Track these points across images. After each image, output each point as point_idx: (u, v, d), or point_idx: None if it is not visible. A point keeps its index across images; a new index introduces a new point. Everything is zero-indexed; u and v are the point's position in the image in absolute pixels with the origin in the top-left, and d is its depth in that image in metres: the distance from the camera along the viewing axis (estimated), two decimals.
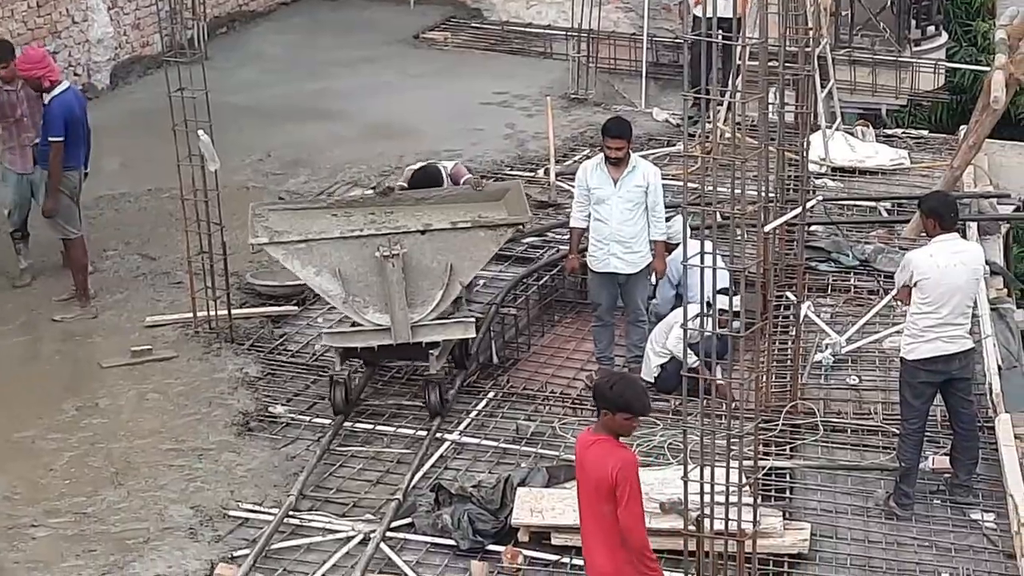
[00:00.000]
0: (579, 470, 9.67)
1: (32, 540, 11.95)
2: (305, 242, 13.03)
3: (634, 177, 13.99)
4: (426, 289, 13.02)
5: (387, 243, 12.86)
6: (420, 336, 13.14)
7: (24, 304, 15.57)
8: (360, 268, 12.98)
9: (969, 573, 11.65)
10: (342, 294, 13.05)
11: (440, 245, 12.97)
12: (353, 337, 13.23)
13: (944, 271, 12.01)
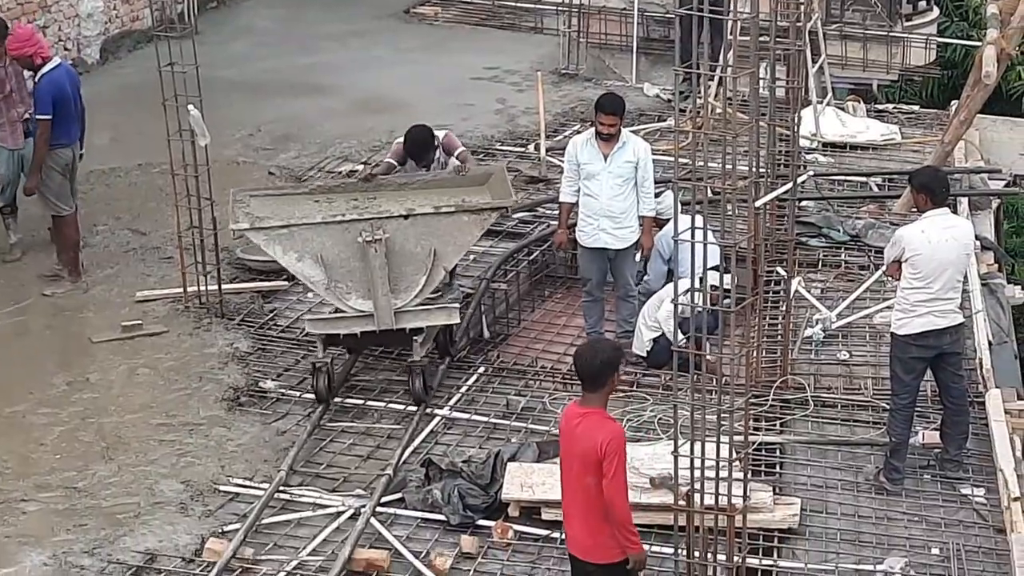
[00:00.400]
0: (565, 442, 9.68)
1: (23, 515, 11.96)
2: (287, 227, 12.85)
3: (624, 153, 14.00)
4: (409, 275, 12.89)
5: (370, 228, 12.70)
6: (404, 322, 13.00)
7: (14, 279, 15.57)
8: (342, 254, 12.82)
9: (959, 548, 11.68)
10: (324, 280, 12.90)
11: (423, 230, 12.82)
12: (336, 324, 13.10)
13: (936, 246, 12.03)
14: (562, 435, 9.71)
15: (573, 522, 9.78)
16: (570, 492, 9.72)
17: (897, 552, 11.65)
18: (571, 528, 9.82)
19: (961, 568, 11.44)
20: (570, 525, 9.83)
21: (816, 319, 14.80)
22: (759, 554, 11.38)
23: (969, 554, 11.62)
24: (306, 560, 11.43)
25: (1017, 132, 20.08)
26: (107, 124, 17.63)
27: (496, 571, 11.41)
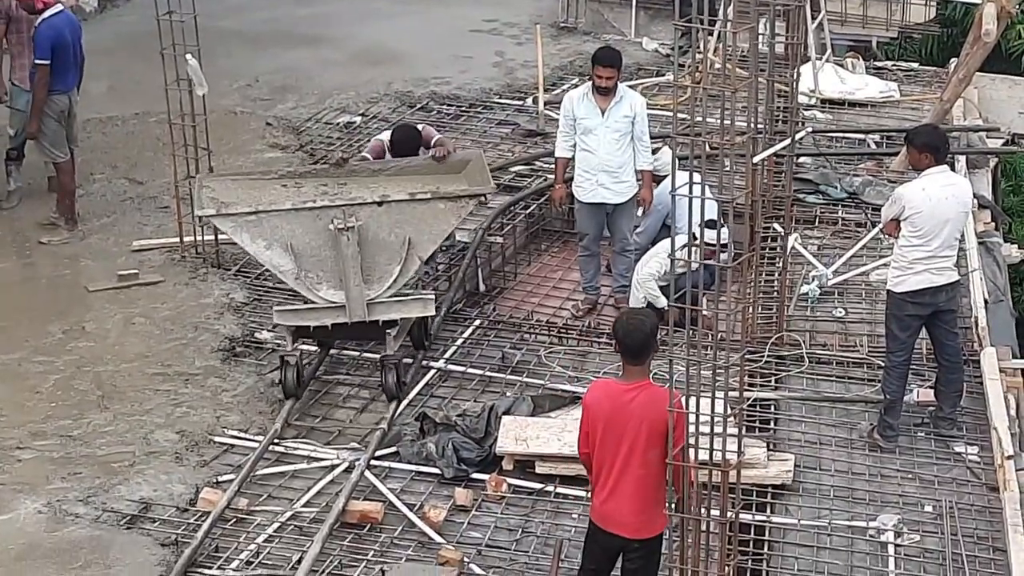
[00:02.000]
0: (616, 421, 9.45)
1: (17, 462, 11.98)
2: (254, 214, 12.23)
3: (621, 107, 13.98)
4: (383, 264, 12.33)
5: (342, 215, 12.11)
6: (376, 314, 12.42)
7: (11, 227, 15.56)
8: (313, 242, 12.22)
9: (952, 505, 11.70)
10: (294, 269, 12.32)
11: (398, 217, 12.25)
12: (305, 315, 12.46)
13: (936, 204, 12.03)
14: (609, 415, 9.46)
15: (623, 502, 9.56)
16: (622, 471, 9.52)
17: (890, 509, 11.67)
18: (619, 510, 9.58)
19: (953, 525, 11.46)
20: (618, 507, 9.59)
21: (812, 276, 14.79)
22: (752, 510, 11.42)
23: (962, 511, 11.64)
24: (300, 511, 11.45)
25: (1016, 90, 20.05)
26: (105, 73, 17.59)
27: (490, 524, 11.42)
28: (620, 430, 9.47)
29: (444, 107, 18.62)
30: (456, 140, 17.66)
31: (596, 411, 9.51)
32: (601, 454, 9.53)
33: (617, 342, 9.59)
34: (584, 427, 9.59)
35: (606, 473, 9.56)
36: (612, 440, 9.50)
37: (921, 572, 11.06)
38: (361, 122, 18.04)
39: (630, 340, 9.53)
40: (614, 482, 9.54)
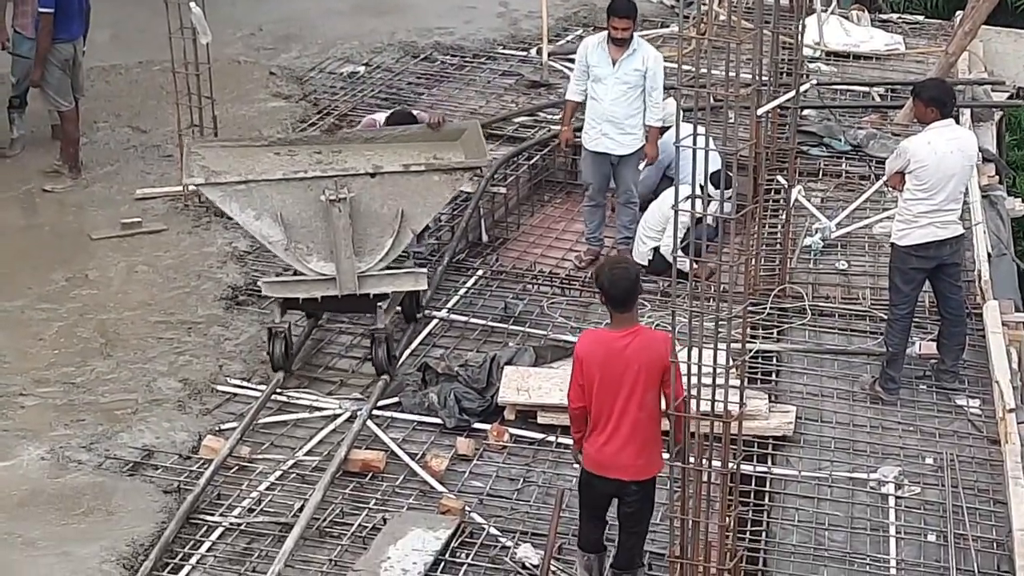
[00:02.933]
0: (611, 367, 9.49)
1: (21, 409, 12.01)
2: (244, 183, 11.94)
3: (633, 60, 13.94)
4: (375, 237, 12.03)
5: (333, 186, 11.83)
6: (367, 287, 12.17)
7: (15, 174, 15.56)
8: (304, 213, 11.94)
9: (952, 458, 11.73)
10: (283, 241, 12.02)
11: (391, 189, 11.96)
12: (295, 287, 12.24)
13: (941, 157, 12.02)
14: (604, 362, 9.49)
15: (623, 446, 9.60)
16: (620, 416, 9.57)
17: (891, 461, 11.71)
18: (619, 454, 9.62)
19: (954, 478, 11.49)
20: (617, 452, 9.63)
21: (815, 228, 14.79)
22: (753, 461, 11.46)
23: (962, 464, 11.68)
24: (302, 460, 11.49)
25: (1022, 44, 19.99)
26: (108, 21, 17.53)
27: (491, 474, 11.46)
28: (618, 377, 9.51)
29: (448, 57, 18.60)
30: (460, 91, 17.66)
31: (591, 361, 9.53)
32: (599, 402, 9.56)
33: (603, 292, 9.64)
34: (577, 379, 9.58)
35: (604, 420, 9.59)
36: (610, 387, 9.54)
37: (922, 524, 11.10)
38: (365, 72, 18.01)
39: (616, 289, 9.58)
40: (612, 428, 9.58)
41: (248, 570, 10.42)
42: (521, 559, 10.55)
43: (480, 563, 10.55)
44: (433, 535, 10.67)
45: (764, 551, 10.79)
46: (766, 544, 10.86)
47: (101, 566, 10.40)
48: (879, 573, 10.65)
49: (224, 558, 10.56)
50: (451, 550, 10.60)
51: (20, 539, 10.64)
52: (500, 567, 10.53)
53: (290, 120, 16.74)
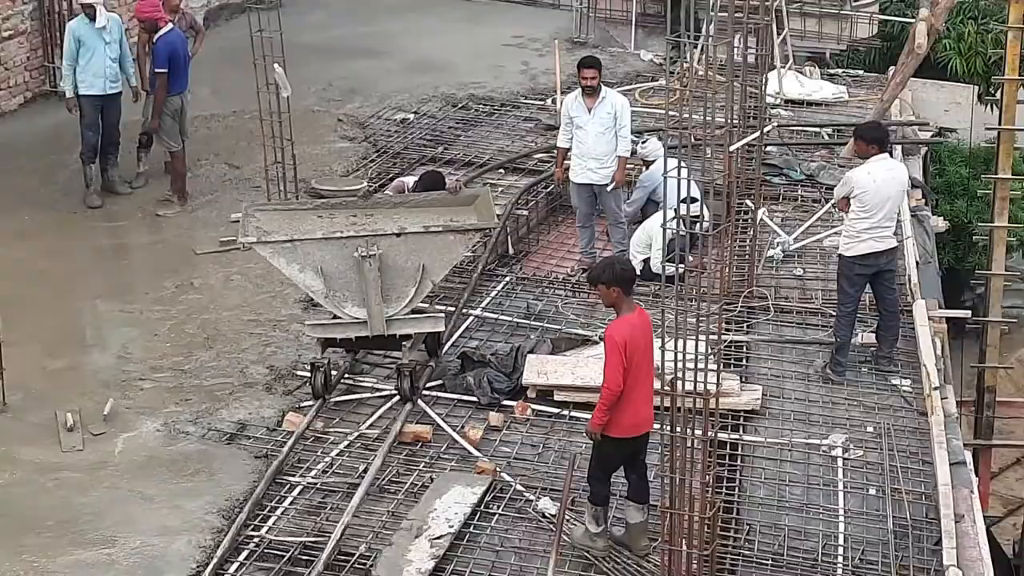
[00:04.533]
0: (640, 346, 9.57)
1: (140, 390, 12.04)
2: (290, 242, 11.56)
3: (604, 106, 13.94)
4: (400, 286, 11.59)
5: (365, 244, 11.41)
6: (394, 329, 11.68)
7: (136, 202, 15.62)
8: (340, 266, 11.51)
9: (889, 427, 11.69)
10: (324, 290, 11.59)
11: (414, 247, 11.51)
12: (334, 329, 11.76)
13: (879, 185, 12.05)
14: (635, 341, 9.54)
15: (649, 404, 9.70)
16: (646, 380, 9.64)
17: (839, 430, 11.66)
18: (647, 412, 9.72)
19: (890, 443, 11.45)
20: (647, 411, 9.72)
21: (777, 242, 14.75)
22: (728, 430, 11.41)
23: (897, 432, 11.64)
24: (365, 432, 11.47)
25: (942, 93, 19.96)
26: (209, 79, 17.55)
27: (517, 441, 11.44)
28: (643, 351, 9.62)
29: (480, 106, 18.57)
30: (490, 133, 17.63)
31: (633, 344, 9.53)
32: (634, 376, 9.55)
33: (619, 282, 9.63)
34: (621, 363, 9.47)
35: (640, 389, 9.61)
36: (643, 361, 9.62)
37: (864, 480, 11.06)
38: (414, 118, 18.01)
39: (627, 275, 9.73)
40: (643, 392, 9.65)
41: (322, 520, 10.40)
42: (541, 510, 10.52)
43: (508, 513, 10.53)
44: (471, 491, 10.65)
45: (737, 502, 10.75)
46: (738, 497, 10.82)
47: (205, 517, 10.42)
48: (829, 520, 10.60)
49: (303, 510, 10.55)
50: (485, 503, 10.58)
51: (140, 495, 10.67)
52: (524, 516, 10.50)
53: (354, 157, 16.75)
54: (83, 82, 15.26)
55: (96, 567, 9.85)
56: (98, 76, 15.23)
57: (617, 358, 9.47)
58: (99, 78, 15.23)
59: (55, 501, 10.58)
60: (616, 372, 9.49)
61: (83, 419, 11.49)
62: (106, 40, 15.19)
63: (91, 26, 15.16)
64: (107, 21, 15.23)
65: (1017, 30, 16.30)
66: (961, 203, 19.69)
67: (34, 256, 14.16)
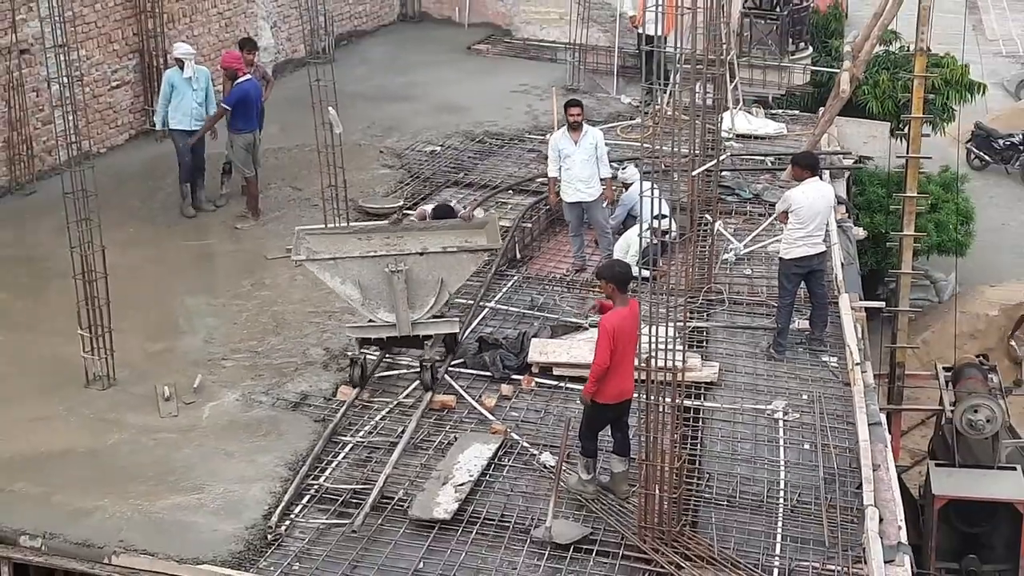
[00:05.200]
0: (627, 332, 9.59)
1: (223, 368, 12.04)
2: (333, 260, 11.46)
3: (587, 138, 13.91)
4: (423, 296, 11.45)
5: (394, 262, 11.31)
6: (418, 330, 11.52)
7: (219, 218, 15.59)
8: (374, 280, 11.39)
9: (820, 395, 11.67)
10: (361, 299, 11.44)
11: (434, 264, 11.38)
12: (369, 330, 11.57)
13: (812, 202, 12.07)
14: (624, 328, 9.57)
15: (631, 377, 9.71)
16: (630, 359, 9.64)
17: (780, 397, 11.65)
18: (629, 382, 9.74)
19: (821, 408, 11.43)
20: (629, 381, 9.74)
21: (730, 248, 14.72)
22: (692, 398, 11.40)
23: (826, 399, 11.64)
24: (402, 401, 11.46)
25: (862, 128, 19.92)
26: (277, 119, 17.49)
27: (524, 408, 11.44)
28: (630, 335, 9.62)
29: (493, 140, 18.53)
30: (501, 161, 17.58)
31: (620, 332, 9.57)
32: (620, 355, 9.58)
33: (615, 281, 9.67)
34: (609, 347, 9.53)
35: (625, 365, 9.62)
36: (627, 344, 9.62)
37: (800, 437, 11.06)
38: (440, 150, 17.98)
39: (624, 276, 9.73)
40: (627, 367, 9.63)
41: (368, 471, 10.41)
42: (543, 462, 10.52)
43: (517, 465, 10.54)
44: (487, 448, 10.66)
45: (699, 456, 10.74)
46: (700, 451, 10.81)
47: (275, 468, 10.44)
48: (772, 468, 10.60)
49: (353, 463, 10.57)
50: (498, 457, 10.59)
51: (224, 451, 10.69)
52: (529, 467, 10.50)
53: (392, 181, 16.71)
54: (174, 119, 15.33)
55: (188, 509, 9.88)
56: (185, 115, 15.30)
57: (606, 341, 9.51)
58: (186, 116, 15.31)
59: (155, 456, 10.60)
60: (604, 352, 9.54)
61: (177, 391, 11.50)
62: (193, 87, 15.27)
63: (181, 75, 15.25)
64: (193, 72, 15.29)
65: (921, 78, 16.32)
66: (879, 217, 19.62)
67: (138, 261, 14.17)
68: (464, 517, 9.79)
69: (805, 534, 9.72)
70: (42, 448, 10.64)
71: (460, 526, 9.70)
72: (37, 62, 15.92)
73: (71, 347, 11.77)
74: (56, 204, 11.87)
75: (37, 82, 16.09)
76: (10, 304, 13.24)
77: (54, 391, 11.51)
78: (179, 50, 15.61)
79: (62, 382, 11.62)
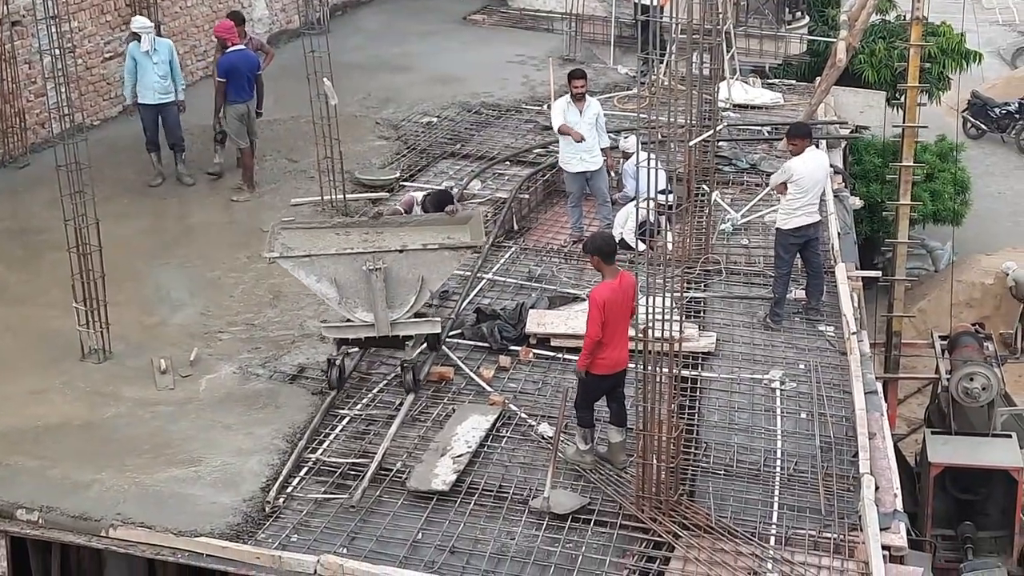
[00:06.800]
0: (622, 298, 9.59)
1: (219, 341, 12.01)
2: (308, 257, 10.91)
3: (590, 109, 13.91)
4: (403, 295, 10.89)
5: (372, 259, 10.75)
6: (397, 331, 10.99)
7: (215, 189, 15.51)
8: (351, 278, 10.82)
9: (817, 364, 11.66)
10: (337, 297, 10.90)
11: (414, 261, 10.82)
12: (346, 330, 11.04)
13: (811, 171, 12.08)
14: (614, 300, 9.55)
15: (625, 348, 9.74)
16: (623, 331, 9.66)
17: (777, 367, 11.64)
18: (623, 353, 9.76)
19: (818, 377, 11.43)
20: (623, 352, 9.75)
21: (727, 218, 14.69)
22: (689, 368, 11.39)
23: (823, 368, 11.63)
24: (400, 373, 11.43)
25: (858, 97, 19.86)
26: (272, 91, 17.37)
27: (521, 379, 11.43)
28: (622, 307, 9.62)
29: (490, 111, 18.46)
30: (498, 132, 17.50)
31: (611, 305, 9.55)
32: (612, 327, 9.58)
33: (598, 252, 9.66)
34: (600, 319, 9.52)
35: (618, 337, 9.63)
36: (620, 316, 9.62)
37: (796, 407, 11.06)
38: (437, 121, 17.90)
39: (607, 247, 9.73)
40: (620, 339, 9.65)
41: (366, 443, 10.40)
42: (541, 433, 10.51)
43: (515, 436, 10.54)
44: (485, 419, 10.65)
45: (697, 426, 10.74)
46: (698, 421, 10.81)
47: (273, 441, 10.42)
48: (770, 438, 10.60)
49: (351, 436, 10.56)
50: (496, 428, 10.58)
51: (221, 424, 10.67)
52: (527, 438, 10.50)
53: (388, 153, 16.64)
54: (140, 94, 15.25)
55: (186, 481, 9.86)
56: (148, 89, 15.15)
57: (596, 313, 9.51)
58: (149, 90, 15.16)
59: (152, 429, 10.58)
60: (595, 325, 9.55)
61: (173, 364, 11.47)
62: (153, 61, 15.09)
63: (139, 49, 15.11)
64: (152, 46, 15.09)
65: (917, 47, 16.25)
66: (875, 186, 19.63)
67: (132, 233, 14.12)
68: (462, 488, 9.78)
69: (801, 502, 9.72)
70: (39, 421, 10.62)
71: (458, 497, 9.69)
72: (29, 34, 15.83)
73: (66, 320, 11.73)
74: (50, 177, 11.81)
75: (29, 54, 16.00)
76: (5, 277, 13.20)
77: (50, 364, 11.48)
78: (135, 24, 15.37)
79: (58, 355, 11.59)
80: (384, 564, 8.91)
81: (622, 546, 9.22)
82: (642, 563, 9.02)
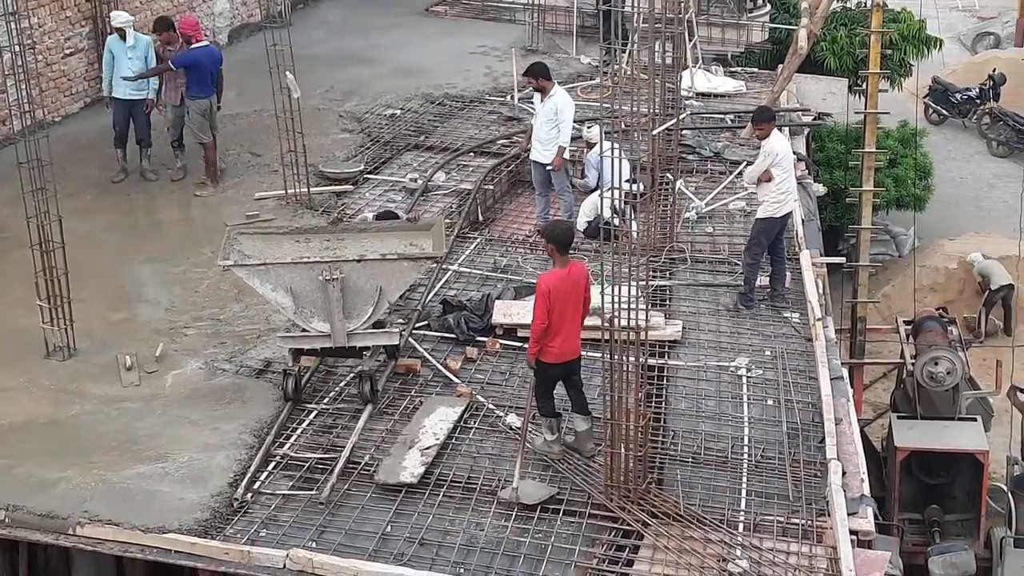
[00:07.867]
0: (570, 288, 9.60)
1: (185, 336, 11.95)
2: (264, 265, 10.62)
3: (550, 103, 13.77)
4: (360, 305, 10.61)
5: (329, 269, 10.44)
6: (354, 341, 10.73)
7: (178, 186, 15.39)
8: (307, 287, 10.53)
9: (783, 351, 11.71)
10: (293, 307, 10.61)
11: (372, 271, 10.52)
12: (302, 341, 10.77)
13: (786, 149, 12.24)
14: (562, 288, 9.56)
15: (574, 337, 9.75)
16: (572, 320, 9.65)
17: (743, 354, 11.68)
18: (573, 343, 9.76)
19: (783, 364, 11.48)
20: (572, 341, 9.75)
21: (692, 206, 14.73)
22: (656, 357, 11.41)
23: (789, 354, 11.69)
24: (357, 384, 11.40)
25: (820, 84, 19.99)
26: (234, 83, 17.27)
27: (488, 370, 11.42)
28: (572, 296, 9.61)
29: (453, 102, 18.43)
30: (461, 124, 17.47)
31: (556, 292, 9.55)
32: (559, 315, 9.58)
33: (555, 242, 9.66)
34: (546, 306, 9.53)
35: (566, 326, 9.61)
36: (568, 304, 9.60)
37: (763, 393, 11.11)
38: (400, 113, 17.85)
39: (564, 238, 9.71)
40: (568, 328, 9.64)
41: (334, 437, 10.37)
42: (508, 424, 10.52)
43: (482, 427, 10.54)
44: (452, 411, 10.64)
45: (664, 414, 10.77)
46: (665, 409, 10.84)
47: (240, 436, 10.38)
48: (737, 425, 10.65)
49: (318, 430, 10.53)
50: (464, 420, 10.58)
51: (188, 420, 10.62)
52: (495, 429, 10.50)
53: (353, 146, 16.58)
54: (115, 87, 15.13)
55: (153, 478, 9.81)
56: (120, 84, 15.05)
57: (543, 302, 9.55)
58: (121, 86, 15.05)
59: (118, 426, 10.51)
60: (541, 311, 9.58)
61: (139, 360, 11.40)
62: (129, 56, 14.98)
63: (121, 44, 14.98)
64: (134, 40, 15.03)
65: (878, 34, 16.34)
66: (838, 173, 19.74)
67: (96, 229, 14.01)
68: (431, 480, 9.78)
69: (769, 488, 9.77)
70: (3, 420, 10.53)
71: (427, 489, 9.69)
72: None
73: (31, 318, 11.64)
74: (11, 174, 11.70)
75: None
76: None
77: (14, 362, 11.39)
78: (118, 19, 15.25)
79: (22, 353, 11.50)
80: (353, 557, 8.90)
81: (591, 535, 9.24)
82: (611, 552, 9.05)
